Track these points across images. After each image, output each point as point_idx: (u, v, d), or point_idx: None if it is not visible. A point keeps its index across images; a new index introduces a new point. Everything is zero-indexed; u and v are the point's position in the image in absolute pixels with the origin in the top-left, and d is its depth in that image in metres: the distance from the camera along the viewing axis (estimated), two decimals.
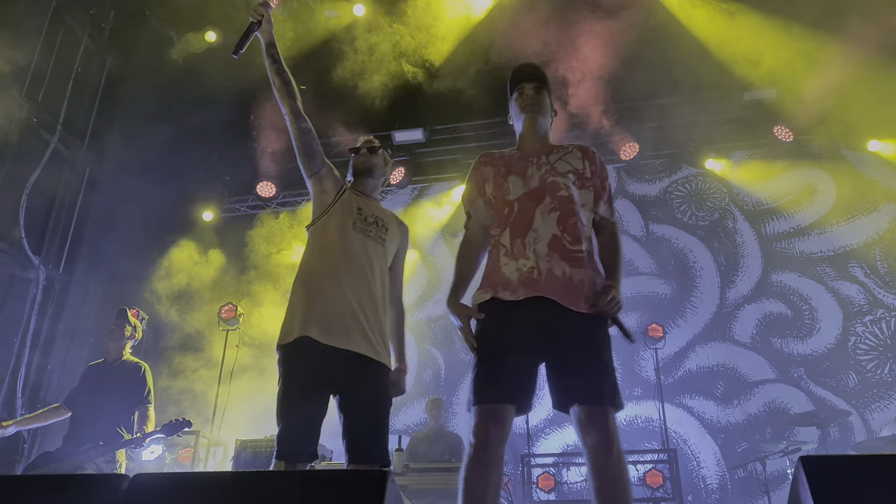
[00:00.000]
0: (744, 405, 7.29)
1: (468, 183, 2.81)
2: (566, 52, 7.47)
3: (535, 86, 2.86)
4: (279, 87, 2.97)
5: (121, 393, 4.58)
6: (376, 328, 2.82)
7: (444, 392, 8.12)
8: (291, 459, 2.53)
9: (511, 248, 2.50)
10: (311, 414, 2.63)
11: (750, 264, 7.93)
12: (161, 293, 8.43)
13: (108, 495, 1.48)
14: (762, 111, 7.88)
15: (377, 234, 2.99)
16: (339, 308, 2.74)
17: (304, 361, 2.68)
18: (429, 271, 8.82)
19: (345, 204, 2.99)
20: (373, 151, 3.20)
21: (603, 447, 2.24)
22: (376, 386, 2.80)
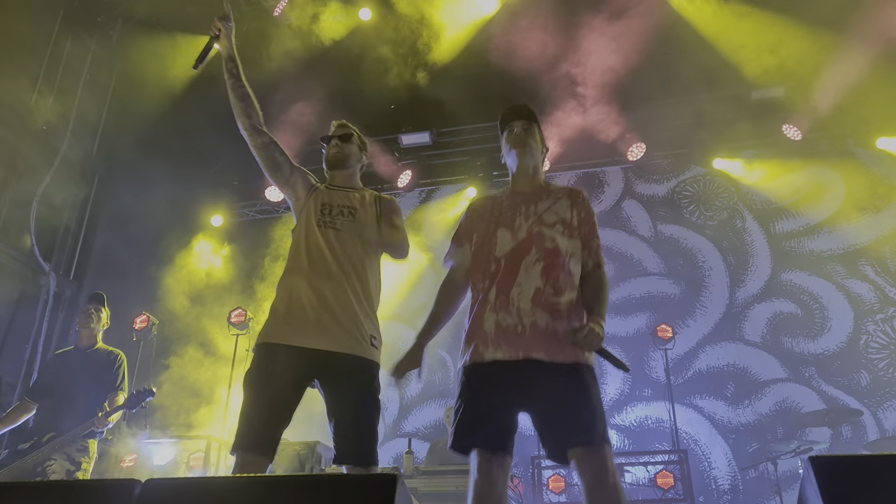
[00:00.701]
0: (755, 405, 7.25)
1: (460, 225, 2.89)
2: (573, 53, 7.47)
3: (524, 123, 2.90)
4: (235, 103, 2.92)
5: (94, 381, 4.43)
6: (350, 321, 2.69)
7: (453, 393, 8.10)
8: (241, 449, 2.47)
9: (495, 303, 2.57)
10: (262, 413, 2.55)
11: (759, 264, 7.89)
12: (171, 298, 8.47)
13: (119, 501, 1.49)
14: (770, 110, 7.84)
15: (343, 223, 2.84)
16: (304, 308, 2.67)
17: (265, 365, 2.62)
18: (437, 274, 8.80)
19: (310, 205, 2.91)
20: (345, 140, 3.06)
21: (599, 478, 2.28)
22: (354, 382, 2.65)
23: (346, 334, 2.66)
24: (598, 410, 2.41)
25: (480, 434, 2.46)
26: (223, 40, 3.02)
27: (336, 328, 2.65)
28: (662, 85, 7.77)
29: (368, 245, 2.85)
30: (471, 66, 8.07)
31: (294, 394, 2.62)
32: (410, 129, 8.56)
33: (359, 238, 2.83)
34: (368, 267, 2.84)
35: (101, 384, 4.45)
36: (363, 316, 2.74)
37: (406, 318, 8.64)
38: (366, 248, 2.84)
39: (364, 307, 2.76)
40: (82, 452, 4.28)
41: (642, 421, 7.44)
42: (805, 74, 7.12)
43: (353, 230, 2.84)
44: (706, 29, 7.38)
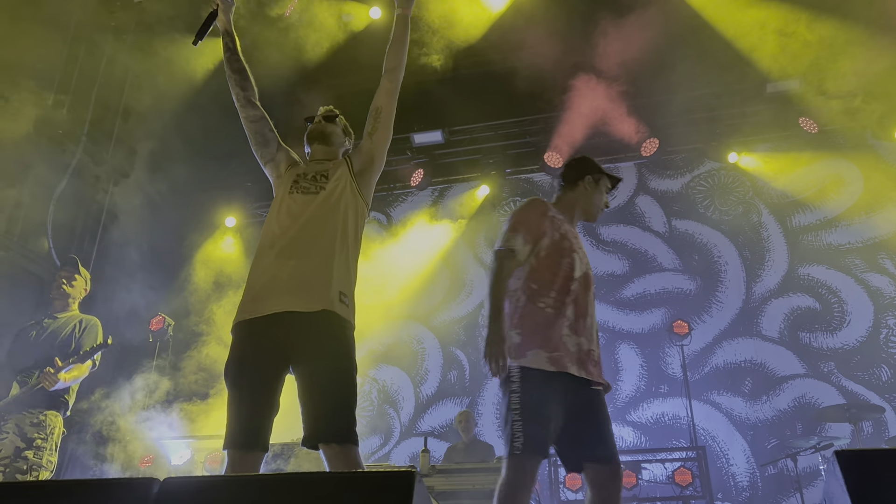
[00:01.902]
0: (773, 401, 7.19)
1: (523, 223, 2.94)
2: (585, 49, 7.43)
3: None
4: (230, 76, 2.97)
5: (55, 345, 4.11)
6: (318, 278, 2.53)
7: (469, 392, 8.11)
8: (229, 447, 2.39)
9: (575, 325, 2.81)
10: (245, 405, 2.43)
11: (776, 258, 7.82)
12: (187, 299, 8.52)
13: (137, 499, 1.49)
14: (785, 103, 7.76)
15: (317, 186, 2.74)
16: (270, 276, 2.56)
17: (238, 352, 2.53)
18: (451, 273, 8.81)
19: (286, 178, 2.85)
20: (329, 119, 3.02)
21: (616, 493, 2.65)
22: (324, 342, 2.46)
23: (312, 293, 2.50)
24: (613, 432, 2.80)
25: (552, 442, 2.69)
26: (221, 15, 3.04)
27: (301, 288, 2.51)
28: (675, 79, 7.70)
29: (343, 206, 2.72)
30: (483, 64, 8.05)
31: (271, 377, 2.47)
32: (422, 127, 8.56)
33: (332, 200, 2.71)
34: (341, 227, 2.68)
35: (63, 350, 4.12)
36: (333, 274, 2.56)
37: (421, 317, 8.65)
38: (338, 210, 2.70)
39: (333, 266, 2.58)
40: (37, 427, 3.90)
41: (659, 418, 7.40)
42: (821, 66, 7.04)
43: (326, 192, 2.72)
44: (719, 21, 7.31)
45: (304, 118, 3.08)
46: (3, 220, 6.89)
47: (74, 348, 4.15)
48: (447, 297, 8.70)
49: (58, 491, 1.59)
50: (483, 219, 8.88)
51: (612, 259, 8.36)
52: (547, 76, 7.48)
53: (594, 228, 8.55)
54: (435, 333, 8.55)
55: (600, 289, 8.23)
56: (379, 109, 2.95)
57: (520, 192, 9.00)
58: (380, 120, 2.93)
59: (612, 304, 8.12)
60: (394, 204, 9.39)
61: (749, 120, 8.00)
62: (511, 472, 2.57)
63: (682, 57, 7.31)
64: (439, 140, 8.70)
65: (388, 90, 2.98)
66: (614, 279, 8.25)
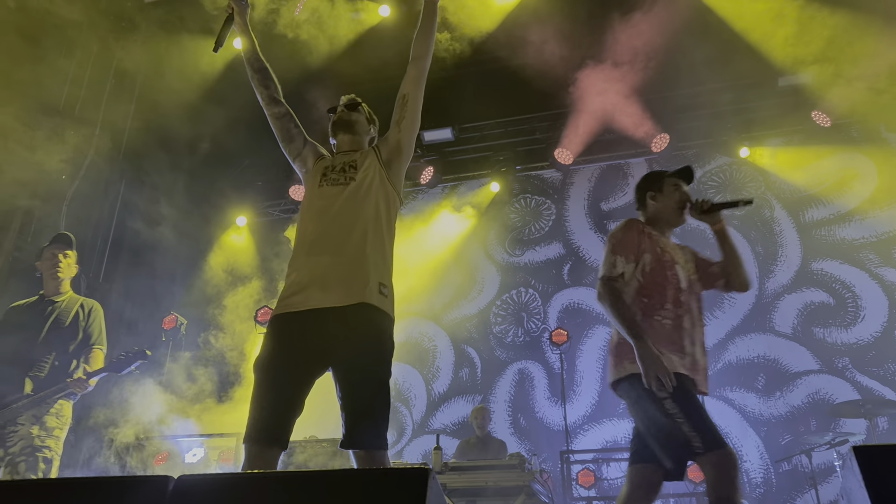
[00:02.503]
0: (786, 397, 7.14)
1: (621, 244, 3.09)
2: (595, 45, 7.40)
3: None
4: (253, 75, 2.99)
5: (63, 333, 3.91)
6: (354, 272, 2.51)
7: (480, 390, 8.11)
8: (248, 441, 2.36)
9: (693, 334, 2.98)
10: (270, 400, 2.40)
11: (789, 253, 7.76)
12: (199, 298, 8.56)
13: (152, 496, 1.49)
14: (798, 97, 7.69)
15: (346, 177, 2.73)
16: (306, 272, 2.56)
17: (270, 345, 2.50)
18: (461, 271, 8.81)
19: (315, 172, 2.85)
20: (352, 108, 3.00)
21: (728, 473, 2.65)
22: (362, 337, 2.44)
23: (351, 286, 2.48)
24: None
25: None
26: (238, 18, 3.06)
27: (339, 282, 2.49)
28: (686, 74, 7.65)
29: (374, 196, 2.70)
30: (492, 61, 8.03)
31: (305, 374, 2.46)
32: (432, 125, 8.55)
33: (362, 190, 2.69)
34: (374, 217, 2.66)
35: (72, 337, 3.92)
36: (370, 265, 2.54)
37: (431, 315, 8.66)
38: (369, 200, 2.68)
39: (369, 257, 2.56)
40: (54, 416, 3.77)
41: None
42: (834, 59, 6.97)
43: (356, 182, 2.70)
44: (730, 14, 7.26)
45: (327, 109, 3.07)
46: (16, 222, 6.94)
47: (83, 338, 3.97)
48: (458, 295, 8.70)
49: (73, 488, 1.59)
50: (494, 216, 8.87)
51: None
52: (556, 72, 7.45)
53: (605, 224, 8.52)
54: (446, 331, 8.55)
55: None
56: (405, 97, 2.92)
57: (530, 188, 8.99)
58: (406, 108, 2.90)
59: None
60: (404, 202, 9.38)
61: (761, 114, 7.93)
62: (708, 471, 2.60)
63: (692, 51, 7.26)
64: (449, 137, 8.69)
65: (414, 77, 2.96)
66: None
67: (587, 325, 8.07)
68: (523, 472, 4.74)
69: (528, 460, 4.81)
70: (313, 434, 6.00)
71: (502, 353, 8.23)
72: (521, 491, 4.83)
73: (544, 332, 8.08)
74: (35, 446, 3.70)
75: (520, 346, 8.22)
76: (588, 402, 7.69)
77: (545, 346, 8.00)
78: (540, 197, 8.95)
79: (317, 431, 5.91)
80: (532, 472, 4.78)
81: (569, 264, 8.48)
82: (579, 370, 7.86)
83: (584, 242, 8.53)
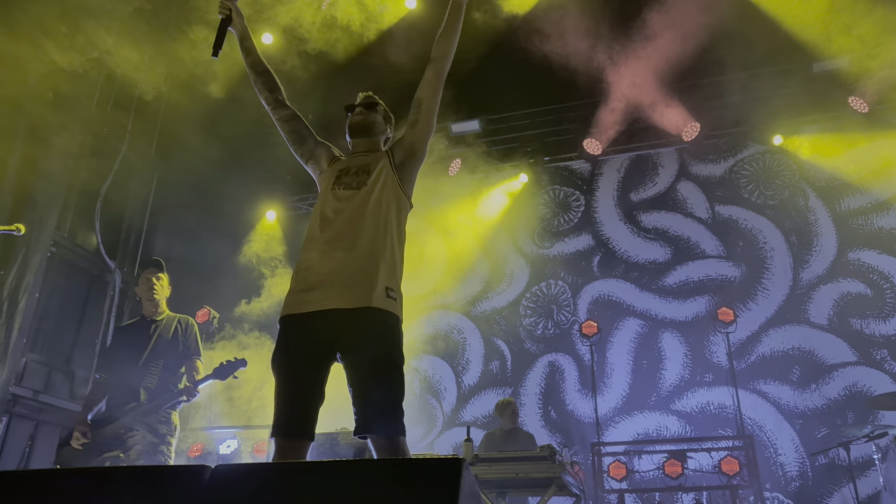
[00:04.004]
0: (822, 389, 7.01)
1: None
2: (624, 33, 7.31)
3: None
4: (255, 79, 2.97)
5: (166, 349, 4.25)
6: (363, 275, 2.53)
7: (511, 382, 8.10)
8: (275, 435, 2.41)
9: None
10: (291, 394, 2.46)
11: (824, 243, 7.61)
12: (231, 291, 8.66)
13: (191, 485, 1.52)
14: (833, 82, 7.52)
15: (359, 182, 2.72)
16: (316, 272, 2.58)
17: (284, 343, 2.55)
18: (491, 263, 8.79)
19: (329, 173, 2.84)
20: (370, 108, 2.97)
21: None
22: (371, 337, 2.46)
23: (358, 289, 2.50)
24: None
25: None
26: (235, 18, 3.04)
27: (347, 285, 2.51)
28: (717, 61, 7.53)
29: (385, 201, 2.70)
30: (519, 52, 7.97)
31: (319, 368, 2.50)
32: (459, 116, 8.53)
33: (373, 195, 2.69)
34: (384, 222, 2.66)
35: (174, 352, 4.27)
36: (379, 270, 2.56)
37: (461, 307, 8.66)
38: (380, 204, 2.68)
39: (378, 262, 2.57)
40: (165, 424, 4.11)
41: (704, 406, 7.28)
42: (871, 43, 6.79)
43: (367, 187, 2.70)
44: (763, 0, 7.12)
45: (344, 106, 3.05)
46: (52, 217, 7.09)
47: (184, 350, 4.32)
48: (487, 288, 8.69)
49: (113, 477, 1.63)
50: (522, 208, 8.83)
51: (654, 246, 8.24)
52: (584, 61, 7.38)
53: (635, 216, 8.44)
54: (476, 323, 8.55)
55: (641, 277, 8.13)
56: (420, 101, 2.89)
57: (559, 179, 8.93)
58: (421, 112, 2.87)
59: (654, 292, 8.01)
60: (432, 194, 9.37)
61: (795, 101, 7.77)
62: None
63: (723, 37, 7.13)
64: (476, 129, 8.67)
65: (430, 81, 2.91)
66: (656, 267, 8.14)
67: (618, 317, 8.00)
68: (554, 463, 4.72)
69: (558, 452, 4.79)
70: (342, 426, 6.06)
71: (532, 345, 8.20)
72: (552, 483, 4.82)
73: (574, 324, 8.03)
74: (150, 452, 4.02)
75: (550, 338, 8.19)
76: (619, 394, 7.64)
77: (575, 339, 7.96)
78: (569, 188, 8.88)
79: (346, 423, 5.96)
80: (563, 463, 4.76)
81: (598, 256, 8.41)
82: (610, 362, 7.81)
83: (613, 234, 8.46)
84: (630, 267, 8.24)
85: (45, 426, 7.24)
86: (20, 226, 3.88)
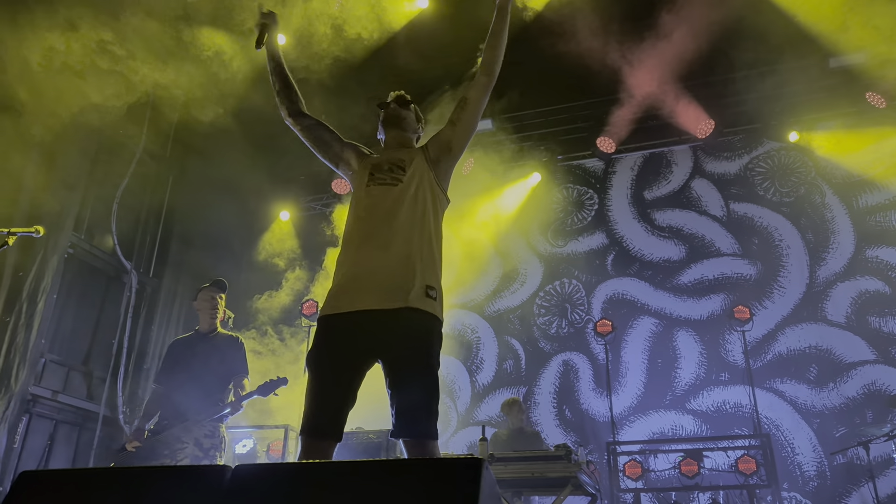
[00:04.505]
0: (840, 388, 6.95)
1: None
2: (636, 30, 7.27)
3: None
4: (280, 91, 2.98)
5: (217, 365, 4.45)
6: (402, 275, 2.52)
7: (525, 382, 8.08)
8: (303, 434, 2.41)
9: None
10: (324, 395, 2.45)
11: (842, 240, 7.54)
12: (245, 292, 8.71)
13: (211, 484, 1.53)
14: (850, 77, 7.43)
15: (394, 178, 2.71)
16: (355, 272, 2.58)
17: (323, 342, 2.54)
18: (504, 262, 8.78)
19: (361, 172, 2.82)
20: (404, 105, 2.99)
21: None
22: (410, 338, 2.46)
23: (398, 289, 2.49)
24: None
25: None
26: (268, 34, 3.07)
27: (387, 285, 2.50)
28: (731, 57, 7.48)
29: (422, 198, 2.70)
30: (531, 50, 7.95)
31: (355, 372, 2.50)
32: None
33: (410, 192, 2.68)
34: (422, 219, 2.66)
35: (224, 368, 4.46)
36: (417, 269, 2.55)
37: (474, 307, 8.66)
38: (417, 202, 2.68)
39: (417, 260, 2.57)
40: (211, 437, 4.30)
41: (720, 406, 7.24)
42: (889, 37, 6.71)
43: (403, 184, 2.69)
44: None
45: (377, 103, 3.05)
46: (69, 219, 7.15)
47: (233, 367, 4.53)
48: (500, 287, 8.68)
49: (135, 477, 1.64)
50: (535, 206, 8.81)
51: (668, 245, 8.20)
52: (597, 59, 7.35)
53: (649, 214, 8.40)
54: (489, 322, 8.54)
55: (656, 275, 8.09)
56: (466, 100, 2.88)
57: (572, 178, 8.90)
58: (466, 111, 2.87)
59: (668, 291, 7.97)
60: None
61: (811, 97, 7.70)
62: None
63: (737, 32, 7.09)
64: (489, 128, 8.65)
65: (483, 84, 2.89)
66: (670, 265, 8.10)
67: (632, 316, 7.97)
68: (570, 463, 4.70)
69: (574, 451, 4.78)
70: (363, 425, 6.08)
71: (546, 344, 8.19)
72: (568, 482, 4.80)
73: (588, 323, 8.01)
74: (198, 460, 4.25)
75: (564, 337, 8.17)
76: (634, 393, 7.60)
77: (590, 338, 7.94)
78: (582, 186, 8.86)
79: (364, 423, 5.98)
80: (578, 463, 4.75)
81: (612, 254, 8.38)
82: (624, 361, 7.78)
83: (627, 232, 8.42)
84: (644, 265, 8.20)
85: (64, 426, 7.32)
86: (39, 228, 3.91)
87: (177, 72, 8.32)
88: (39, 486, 1.58)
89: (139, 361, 8.08)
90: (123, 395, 7.68)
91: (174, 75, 8.30)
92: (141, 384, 7.98)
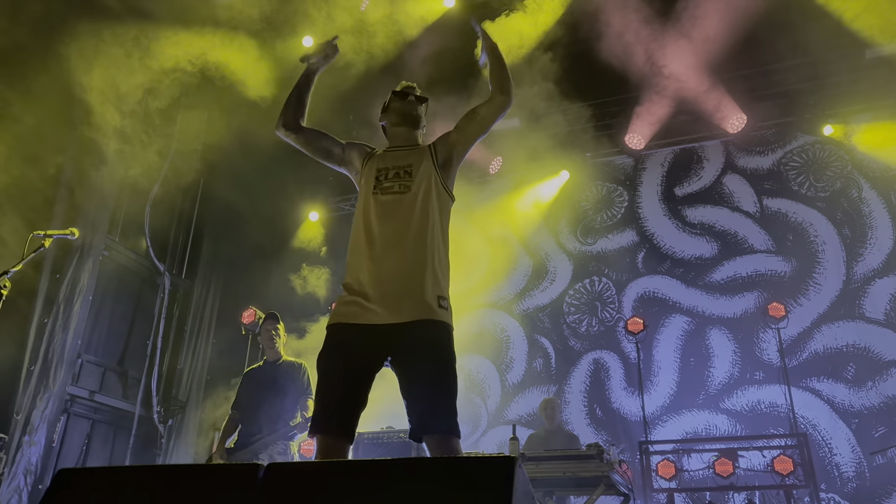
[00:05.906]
0: (879, 386, 6.78)
1: None
2: (667, 24, 7.18)
3: None
4: (294, 105, 2.96)
5: (285, 389, 4.91)
6: (414, 288, 2.53)
7: (555, 380, 8.03)
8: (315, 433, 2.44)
9: None
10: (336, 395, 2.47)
11: (880, 235, 7.36)
12: (276, 291, 8.78)
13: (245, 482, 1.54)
14: (887, 69, 7.26)
15: (402, 185, 2.69)
16: (367, 284, 2.57)
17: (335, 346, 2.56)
18: (533, 260, 8.74)
19: (366, 173, 2.82)
20: (421, 101, 2.95)
21: None
22: (425, 348, 2.47)
23: (411, 302, 2.50)
24: None
25: None
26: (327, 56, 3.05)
27: (400, 298, 2.51)
28: (764, 50, 7.34)
29: (431, 207, 2.67)
30: (559, 47, 7.91)
31: (365, 373, 2.52)
32: None
33: (418, 201, 2.66)
34: (431, 227, 2.64)
35: (292, 392, 4.93)
36: (429, 280, 2.55)
37: (504, 305, 8.63)
38: (426, 211, 2.66)
39: (428, 271, 2.57)
40: (283, 455, 4.76)
41: (755, 405, 7.12)
42: None
43: (411, 193, 2.67)
44: None
45: (393, 91, 3.01)
46: (104, 222, 7.28)
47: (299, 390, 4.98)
48: (529, 286, 8.64)
49: (170, 475, 1.66)
50: (564, 204, 8.75)
51: (700, 242, 8.08)
52: (625, 55, 7.28)
53: (680, 210, 8.29)
54: (519, 321, 8.51)
55: (688, 272, 7.99)
56: (476, 113, 2.85)
57: (601, 175, 8.82)
58: (474, 122, 2.84)
59: (700, 289, 7.86)
60: (474, 192, 9.36)
61: (846, 89, 7.52)
62: None
63: (770, 25, 6.96)
64: (517, 126, 8.61)
65: (499, 104, 2.84)
66: (703, 262, 7.98)
67: (664, 314, 7.87)
68: (602, 462, 4.66)
69: (606, 451, 4.74)
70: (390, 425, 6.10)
71: (576, 343, 8.13)
72: (600, 482, 4.76)
73: (619, 321, 7.93)
74: None
75: (594, 335, 8.10)
76: (666, 392, 7.51)
77: (620, 336, 7.86)
78: (611, 183, 8.78)
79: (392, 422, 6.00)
80: (611, 462, 4.70)
81: (643, 252, 8.29)
82: (656, 360, 7.69)
83: (658, 229, 8.32)
84: (675, 263, 8.10)
85: (101, 425, 7.47)
86: (74, 230, 3.98)
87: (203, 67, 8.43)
88: (78, 484, 1.61)
89: (173, 361, 8.20)
90: (158, 395, 7.80)
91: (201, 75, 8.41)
92: (175, 384, 8.10)
